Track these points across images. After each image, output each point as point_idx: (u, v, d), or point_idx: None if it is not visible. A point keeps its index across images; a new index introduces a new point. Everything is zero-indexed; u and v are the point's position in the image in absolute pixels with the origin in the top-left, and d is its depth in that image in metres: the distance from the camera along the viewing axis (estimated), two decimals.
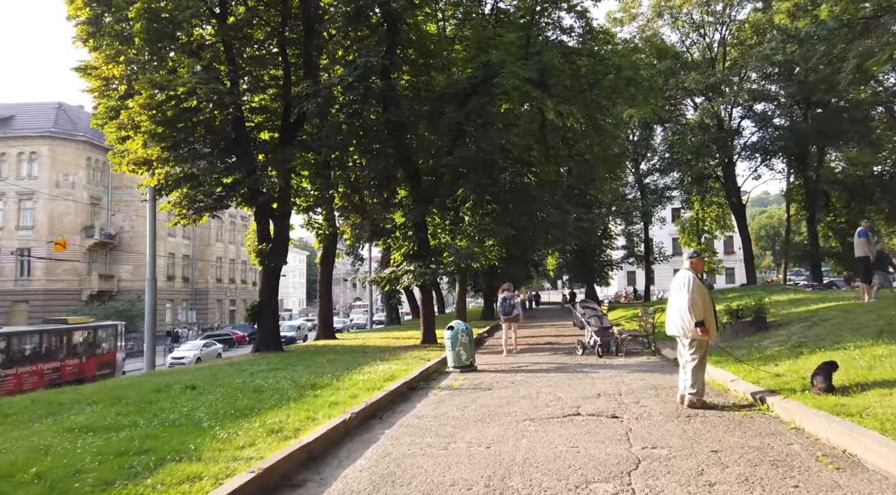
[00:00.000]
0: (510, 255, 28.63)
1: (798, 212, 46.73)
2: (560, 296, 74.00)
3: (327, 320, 23.22)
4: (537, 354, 13.59)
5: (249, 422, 6.36)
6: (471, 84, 16.01)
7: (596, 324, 12.29)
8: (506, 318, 14.12)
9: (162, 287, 55.90)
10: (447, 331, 11.40)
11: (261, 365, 13.51)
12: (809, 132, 30.34)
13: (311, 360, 13.95)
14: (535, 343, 17.08)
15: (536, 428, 6.15)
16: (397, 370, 10.74)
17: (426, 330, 17.56)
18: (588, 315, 12.59)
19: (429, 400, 8.29)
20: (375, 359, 13.53)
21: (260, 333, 18.18)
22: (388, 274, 15.84)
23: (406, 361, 12.47)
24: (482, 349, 16.26)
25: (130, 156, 15.62)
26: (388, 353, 15.11)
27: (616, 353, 12.14)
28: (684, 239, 58.89)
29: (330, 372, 10.80)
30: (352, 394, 8.10)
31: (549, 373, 10.29)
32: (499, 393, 8.43)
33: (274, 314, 18.38)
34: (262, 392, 8.69)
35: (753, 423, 5.84)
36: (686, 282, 6.86)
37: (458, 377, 10.49)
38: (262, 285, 18.49)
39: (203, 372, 12.50)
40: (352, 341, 21.02)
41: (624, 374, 9.66)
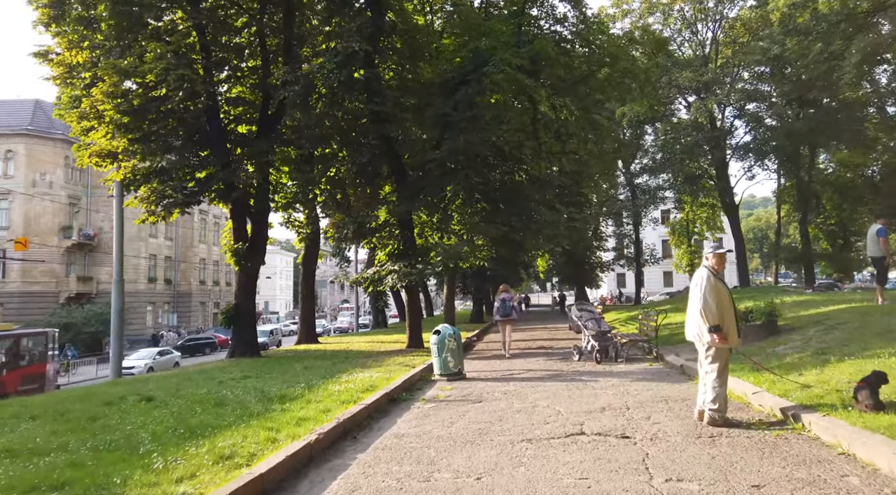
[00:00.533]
0: (500, 256, 27.77)
1: (790, 214, 46.32)
2: (549, 298, 73.28)
3: (309, 323, 22.19)
4: (531, 360, 12.69)
5: (198, 445, 5.39)
6: (459, 73, 15.11)
7: (594, 328, 11.42)
8: (504, 319, 13.85)
9: (143, 289, 54.65)
10: (433, 335, 10.47)
11: (233, 372, 12.52)
12: (804, 131, 29.74)
13: (287, 367, 12.98)
14: (527, 347, 16.19)
15: (535, 452, 5.23)
16: (378, 379, 9.80)
17: (412, 334, 16.62)
18: (585, 318, 11.71)
19: (411, 414, 7.35)
20: (356, 365, 12.58)
21: (236, 338, 17.15)
22: (371, 274, 14.89)
23: (389, 368, 11.53)
24: (471, 354, 15.34)
25: (93, 148, 14.56)
26: (371, 359, 14.17)
27: (615, 359, 11.27)
28: (674, 240, 58.54)
29: (304, 381, 9.84)
30: (324, 409, 7.15)
31: (545, 382, 9.39)
32: (490, 406, 7.51)
33: (251, 317, 17.36)
34: (223, 405, 7.72)
35: (791, 447, 4.96)
36: (700, 282, 6.00)
37: (445, 386, 9.56)
38: (238, 287, 17.47)
39: (168, 381, 11.48)
40: (334, 345, 20.03)
41: (627, 383, 8.78)
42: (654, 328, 11.05)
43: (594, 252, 44.36)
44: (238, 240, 17.14)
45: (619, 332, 12.82)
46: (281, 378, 10.70)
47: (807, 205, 41.31)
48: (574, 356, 11.93)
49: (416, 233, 17.21)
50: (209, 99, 15.49)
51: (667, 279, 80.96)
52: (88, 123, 14.30)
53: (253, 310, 17.50)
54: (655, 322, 10.96)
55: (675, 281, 78.74)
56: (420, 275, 14.38)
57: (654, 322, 11.12)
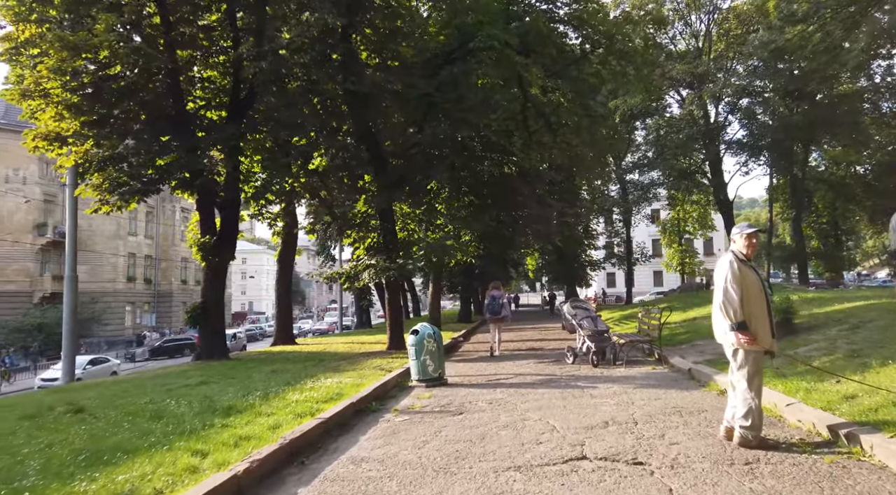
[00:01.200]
0: (489, 254, 26.66)
1: (783, 211, 45.61)
2: (539, 298, 72.21)
3: (286, 324, 20.93)
4: (520, 363, 11.55)
5: (92, 479, 4.20)
6: (444, 51, 13.96)
7: (589, 327, 10.30)
8: (493, 318, 13.46)
9: (121, 289, 53.01)
10: (411, 336, 9.31)
11: (191, 377, 11.32)
12: (802, 125, 28.85)
13: (252, 372, 11.78)
14: (517, 348, 15.06)
15: (525, 485, 4.08)
16: (348, 385, 8.62)
17: (393, 334, 15.43)
18: (580, 316, 10.59)
19: (378, 430, 6.18)
20: (328, 369, 11.40)
21: (203, 339, 15.89)
22: (347, 269, 13.69)
23: (363, 373, 10.35)
24: (456, 355, 14.19)
25: (38, 130, 13.25)
26: (347, 362, 12.99)
27: (613, 362, 10.15)
28: (665, 239, 57.75)
29: (263, 388, 8.65)
30: (274, 424, 5.97)
31: (537, 389, 8.24)
32: (472, 420, 6.35)
33: (219, 317, 16.09)
34: (158, 419, 6.52)
35: (854, 479, 3.85)
36: (723, 270, 4.89)
37: (422, 394, 8.39)
38: (205, 284, 16.21)
39: (112, 388, 10.27)
40: (312, 347, 18.79)
41: (630, 391, 7.65)
42: (656, 327, 9.93)
43: (585, 250, 43.35)
44: (206, 234, 15.89)
45: (616, 332, 11.69)
46: (240, 384, 9.51)
47: (801, 203, 40.59)
48: (567, 358, 10.81)
49: (397, 227, 16.05)
50: (170, 78, 14.24)
51: (657, 278, 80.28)
52: (34, 103, 12.99)
53: (221, 310, 16.24)
54: (658, 320, 9.83)
55: (666, 280, 78.16)
56: (400, 270, 13.21)
57: (657, 320, 9.99)
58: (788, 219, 50.45)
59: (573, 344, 11.24)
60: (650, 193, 37.44)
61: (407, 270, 13.14)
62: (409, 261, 13.11)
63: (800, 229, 41.23)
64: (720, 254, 68.07)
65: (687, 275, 60.83)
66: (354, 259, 14.96)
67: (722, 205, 35.99)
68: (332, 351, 16.73)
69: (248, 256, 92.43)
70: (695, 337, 11.73)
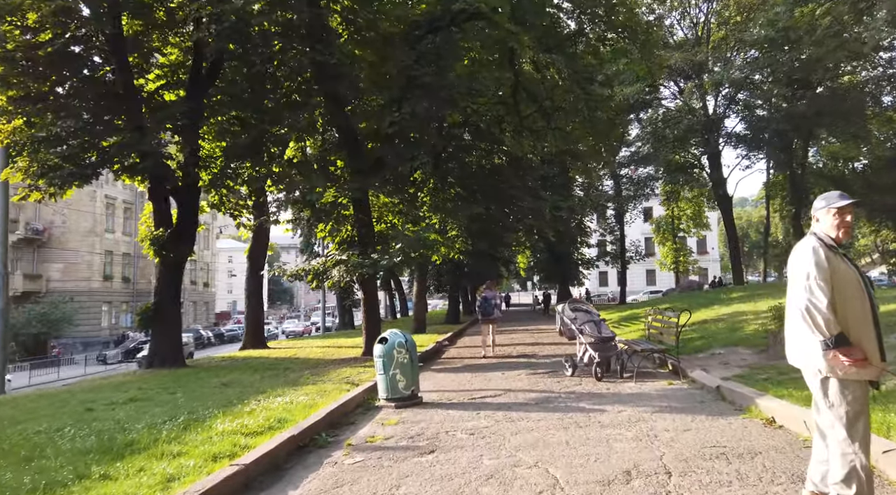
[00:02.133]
0: (478, 251, 25.09)
1: (783, 208, 44.33)
2: (531, 297, 70.53)
3: (256, 326, 19.23)
4: (511, 374, 9.94)
5: None
6: (426, 20, 12.32)
7: (592, 334, 8.70)
8: (486, 319, 13.20)
9: (97, 288, 50.98)
10: (378, 345, 7.69)
11: (126, 391, 9.70)
12: (808, 115, 27.39)
13: (197, 385, 10.15)
14: (507, 354, 13.47)
15: None
16: (299, 407, 7.00)
17: (369, 339, 13.76)
18: (581, 320, 8.99)
19: (315, 482, 4.54)
20: (286, 382, 9.78)
21: (155, 344, 14.17)
22: (314, 265, 12.03)
23: (324, 387, 8.73)
24: (437, 363, 12.58)
25: None
26: (311, 371, 11.36)
27: (620, 375, 8.57)
28: (659, 238, 56.52)
29: (192, 410, 7.00)
30: (169, 475, 4.33)
31: (530, 412, 6.64)
32: (444, 465, 4.73)
33: (174, 319, 14.39)
34: (27, 462, 4.87)
35: None
36: (803, 261, 3.30)
37: (388, 418, 6.77)
38: (159, 282, 14.53)
39: (23, 405, 8.59)
40: (283, 351, 17.14)
41: (649, 416, 6.07)
42: (674, 332, 8.30)
43: (578, 247, 41.89)
44: (160, 226, 14.21)
45: (621, 339, 10.08)
46: (171, 404, 7.88)
47: (801, 200, 39.28)
48: (566, 369, 9.21)
49: (374, 218, 14.43)
50: (114, 49, 12.53)
51: (650, 277, 79.21)
52: None
53: (177, 311, 14.54)
54: (676, 324, 8.21)
55: (659, 279, 77.02)
56: (374, 267, 11.56)
57: (674, 325, 8.37)
58: (785, 217, 49.30)
59: (573, 352, 9.66)
60: (647, 188, 35.91)
61: (381, 266, 11.49)
62: (383, 257, 11.45)
63: (799, 226, 39.84)
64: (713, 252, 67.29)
65: (681, 274, 59.74)
66: (325, 255, 13.30)
67: (721, 201, 34.58)
68: (303, 357, 15.10)
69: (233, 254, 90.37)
70: (712, 343, 10.18)
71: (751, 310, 13.71)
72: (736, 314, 13.89)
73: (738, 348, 9.28)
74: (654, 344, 9.05)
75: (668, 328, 8.86)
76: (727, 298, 17.68)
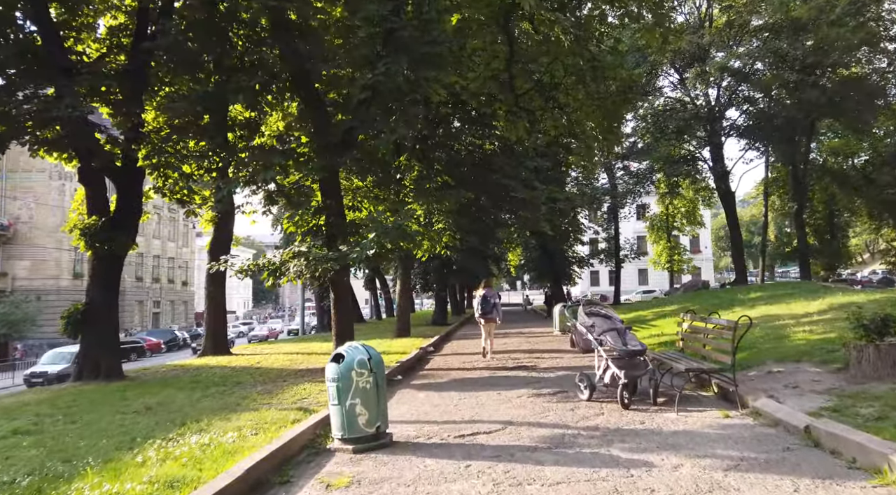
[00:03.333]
0: (467, 247, 23.04)
1: (783, 205, 42.68)
2: (520, 297, 68.26)
3: (217, 330, 17.01)
4: (509, 394, 7.91)
5: None
6: None
7: (616, 346, 6.69)
8: (487, 318, 12.65)
9: (66, 286, 48.31)
10: (331, 365, 5.63)
11: (15, 417, 7.64)
12: (821, 103, 25.57)
13: (116, 407, 8.12)
14: (502, 364, 11.46)
15: None
16: (216, 452, 4.95)
17: (339, 344, 11.72)
18: (600, 328, 6.96)
19: None
20: (224, 406, 7.74)
21: (85, 354, 11.98)
22: (267, 260, 9.92)
23: (266, 416, 6.68)
24: (419, 375, 10.52)
25: None
26: (266, 387, 9.31)
27: (654, 400, 6.56)
28: (653, 236, 54.89)
29: (61, 458, 4.92)
30: None
31: (543, 465, 4.61)
32: None
33: (111, 325, 12.24)
34: None
35: None
36: None
37: (338, 476, 4.69)
38: (91, 280, 12.37)
39: None
40: (245, 359, 14.97)
41: (721, 476, 4.06)
42: (723, 343, 6.21)
43: (572, 245, 39.95)
44: (94, 213, 12.09)
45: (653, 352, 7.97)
46: (61, 438, 5.85)
47: (803, 196, 37.68)
48: (581, 390, 7.18)
49: (347, 206, 12.37)
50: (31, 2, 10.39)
51: (642, 277, 77.70)
52: None
53: (113, 313, 12.39)
54: (733, 334, 6.05)
55: (651, 278, 75.45)
56: (342, 260, 9.48)
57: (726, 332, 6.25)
58: (784, 214, 47.70)
59: (584, 365, 7.65)
60: (646, 181, 33.98)
61: (352, 260, 9.41)
62: (353, 249, 9.38)
63: (802, 223, 38.28)
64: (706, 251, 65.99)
65: (676, 274, 58.11)
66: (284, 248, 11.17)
67: (724, 197, 32.71)
68: (266, 366, 13.00)
69: None
70: (761, 357, 8.17)
71: (786, 314, 11.82)
72: (768, 318, 11.95)
73: (803, 365, 7.28)
74: (692, 358, 7.03)
75: (714, 338, 6.85)
76: (746, 299, 15.77)
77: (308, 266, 9.35)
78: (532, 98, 15.93)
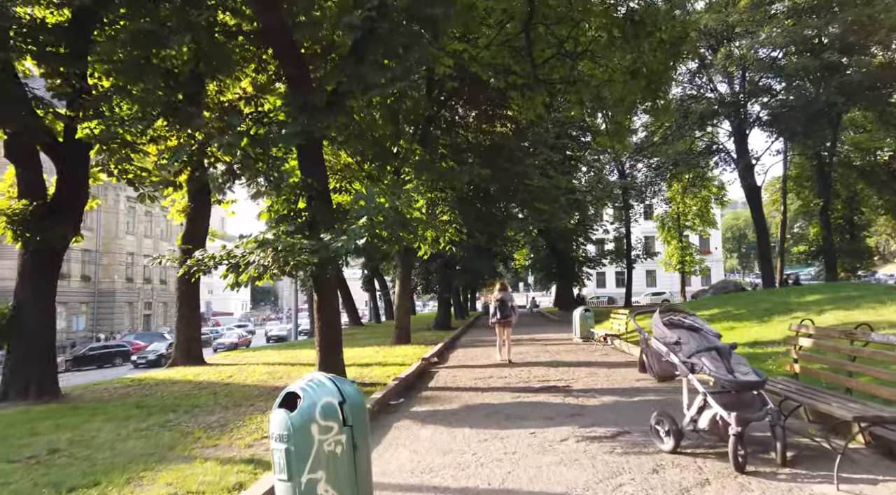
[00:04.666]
0: (473, 244, 20.80)
1: (809, 200, 40.30)
2: (524, 299, 65.66)
3: (189, 337, 14.71)
4: (546, 432, 5.69)
5: None
6: None
7: (718, 373, 4.45)
8: (503, 321, 12.30)
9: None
10: (277, 413, 3.38)
11: None
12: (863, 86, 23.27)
13: (7, 450, 5.87)
14: (524, 381, 9.23)
15: None
16: None
17: (325, 359, 9.53)
18: (691, 346, 4.68)
19: None
20: (150, 452, 5.55)
21: (11, 366, 9.75)
22: (226, 253, 7.68)
23: (190, 480, 4.45)
24: (422, 398, 8.25)
25: None
26: (220, 419, 7.09)
27: (782, 459, 4.32)
28: (664, 236, 52.77)
29: None
30: None
31: None
32: None
33: (46, 334, 10.02)
34: None
35: None
36: None
37: None
38: (21, 278, 10.13)
39: None
40: (217, 372, 12.67)
41: None
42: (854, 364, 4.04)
43: (584, 244, 37.75)
44: (25, 196, 9.90)
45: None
46: None
47: (829, 191, 35.40)
48: (659, 437, 4.94)
49: (335, 187, 10.15)
50: None
51: (650, 278, 75.50)
52: None
53: (49, 319, 10.16)
54: None
55: (660, 280, 73.20)
56: (322, 253, 7.26)
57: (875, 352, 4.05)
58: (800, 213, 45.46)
59: (645, 390, 5.40)
60: (666, 172, 31.65)
61: (337, 251, 7.17)
62: (337, 239, 7.15)
63: (828, 221, 36.01)
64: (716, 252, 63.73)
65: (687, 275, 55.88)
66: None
67: (750, 193, 30.39)
68: (237, 382, 10.80)
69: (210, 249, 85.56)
70: None
71: (883, 321, 9.60)
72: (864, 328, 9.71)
73: None
74: (839, 395, 4.76)
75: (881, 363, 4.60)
76: (804, 302, 13.51)
77: (277, 260, 7.10)
78: (554, 68, 13.73)
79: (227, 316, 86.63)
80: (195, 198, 14.69)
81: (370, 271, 35.54)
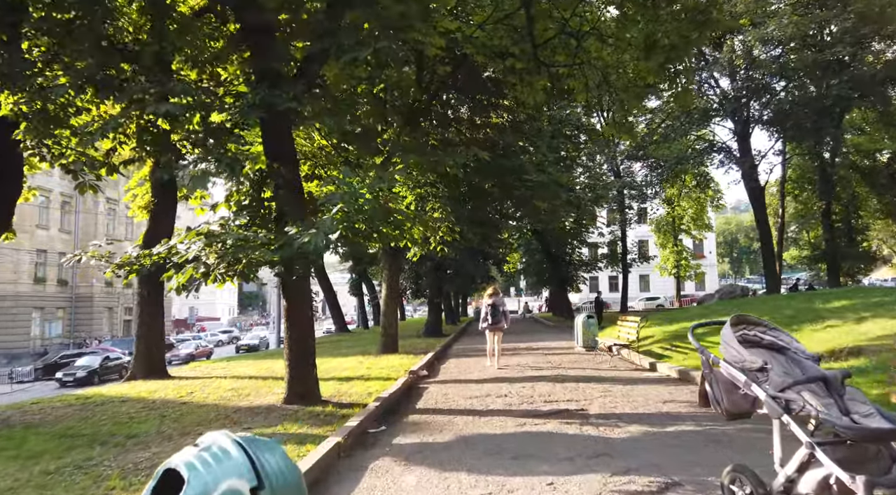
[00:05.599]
0: (465, 246, 19.39)
1: (810, 203, 39.26)
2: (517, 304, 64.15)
3: (150, 346, 13.20)
4: (568, 483, 4.31)
5: None
6: None
7: (828, 415, 3.07)
8: (494, 327, 12.12)
9: (26, 291, 44.26)
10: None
11: None
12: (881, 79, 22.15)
13: None
14: (530, 404, 7.83)
15: None
16: None
17: (295, 374, 8.12)
18: (782, 375, 3.36)
19: None
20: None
21: None
22: (161, 252, 6.22)
23: None
24: (408, 424, 6.82)
25: None
26: (152, 455, 5.61)
27: None
28: (660, 240, 51.83)
29: None
30: None
31: None
32: None
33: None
34: None
35: None
36: None
37: None
38: None
39: None
40: (179, 388, 11.22)
41: None
42: None
43: (578, 247, 36.48)
44: None
45: None
46: None
47: (831, 193, 34.37)
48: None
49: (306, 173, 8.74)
50: None
51: (643, 283, 74.34)
52: None
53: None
54: None
55: (654, 285, 72.09)
56: (286, 250, 5.85)
57: None
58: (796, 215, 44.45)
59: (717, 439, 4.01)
60: (669, 171, 30.38)
61: (302, 247, 5.75)
62: (304, 233, 5.74)
63: (830, 224, 34.98)
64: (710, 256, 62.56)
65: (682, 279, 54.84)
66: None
67: (753, 195, 29.21)
68: (195, 400, 9.34)
69: None
70: None
71: None
72: None
73: None
74: None
75: None
76: (833, 309, 12.21)
77: (223, 259, 5.66)
78: (555, 50, 12.39)
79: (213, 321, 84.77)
80: (159, 192, 13.24)
81: (358, 275, 34.08)
